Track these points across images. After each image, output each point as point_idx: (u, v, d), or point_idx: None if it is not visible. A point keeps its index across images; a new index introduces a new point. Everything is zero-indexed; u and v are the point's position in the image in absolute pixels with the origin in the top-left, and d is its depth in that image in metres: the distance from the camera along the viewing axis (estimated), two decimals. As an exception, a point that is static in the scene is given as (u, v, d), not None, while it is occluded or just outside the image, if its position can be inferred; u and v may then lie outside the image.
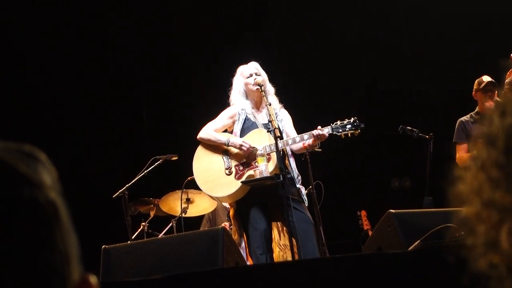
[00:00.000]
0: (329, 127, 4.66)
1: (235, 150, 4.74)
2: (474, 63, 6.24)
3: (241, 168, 4.71)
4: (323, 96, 8.38)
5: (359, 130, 4.69)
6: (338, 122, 4.70)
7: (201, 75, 8.31)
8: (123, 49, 8.49)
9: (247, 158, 4.70)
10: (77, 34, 7.98)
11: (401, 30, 8.66)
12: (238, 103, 4.88)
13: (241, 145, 4.67)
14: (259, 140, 4.69)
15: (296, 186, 4.67)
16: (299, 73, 8.58)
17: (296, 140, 4.65)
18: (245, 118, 4.82)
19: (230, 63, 5.11)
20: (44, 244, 0.70)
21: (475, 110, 6.00)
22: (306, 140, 4.63)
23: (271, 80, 5.01)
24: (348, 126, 4.68)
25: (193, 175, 4.93)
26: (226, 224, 5.85)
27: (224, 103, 5.02)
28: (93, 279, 0.76)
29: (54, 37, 7.82)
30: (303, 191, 4.73)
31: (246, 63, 5.00)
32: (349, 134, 4.69)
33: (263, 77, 4.88)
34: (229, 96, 4.99)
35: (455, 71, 7.88)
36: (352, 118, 4.72)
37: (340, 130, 4.67)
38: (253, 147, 4.67)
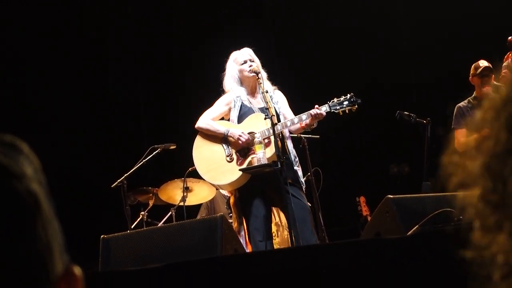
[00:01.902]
0: (326, 105, 4.65)
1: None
2: (474, 62, 6.22)
3: (241, 154, 4.70)
4: (323, 96, 8.36)
5: (356, 106, 4.68)
6: (335, 100, 4.69)
7: (200, 75, 8.28)
8: (123, 49, 8.48)
9: (246, 144, 4.68)
10: (77, 34, 7.95)
11: (401, 30, 8.63)
12: (233, 89, 4.85)
13: (239, 137, 4.65)
14: (257, 125, 4.67)
15: (293, 168, 4.66)
16: (299, 73, 8.56)
17: (294, 121, 4.64)
18: (241, 105, 4.80)
19: (228, 34, 5.09)
20: (25, 235, 0.70)
21: (473, 95, 5.99)
22: (304, 120, 4.62)
23: (270, 79, 4.99)
24: (345, 103, 4.67)
25: (193, 165, 4.91)
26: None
27: (221, 86, 4.98)
28: (77, 270, 0.76)
29: (54, 37, 7.80)
30: (300, 173, 4.71)
31: (239, 49, 4.97)
32: (346, 111, 4.67)
33: (257, 63, 4.86)
34: (222, 82, 4.96)
35: (455, 71, 7.86)
36: (349, 94, 4.70)
37: (338, 107, 4.66)
38: (252, 132, 4.66)
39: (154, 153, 6.02)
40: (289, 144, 4.73)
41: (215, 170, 4.72)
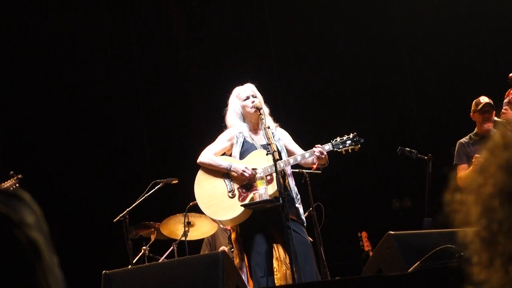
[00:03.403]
0: (329, 144, 4.70)
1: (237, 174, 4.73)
2: (475, 73, 6.26)
3: (243, 190, 4.70)
4: (323, 98, 8.43)
5: (359, 145, 4.73)
6: (338, 139, 4.74)
7: (200, 75, 8.32)
8: (123, 50, 8.55)
9: (249, 180, 4.69)
10: (77, 34, 8.02)
11: (399, 30, 8.71)
12: (235, 125, 4.88)
13: (243, 172, 4.66)
14: (259, 161, 4.69)
15: (295, 205, 4.67)
16: (298, 81, 8.62)
17: (297, 159, 4.67)
18: (244, 141, 4.82)
19: (231, 69, 5.13)
20: (25, 282, 0.70)
21: (474, 131, 6.01)
22: (308, 158, 4.66)
23: (270, 94, 5.02)
24: (348, 142, 4.71)
25: (194, 200, 4.91)
26: (225, 248, 5.85)
27: (223, 121, 5.02)
28: None
29: (54, 37, 7.86)
30: (302, 210, 4.73)
31: (242, 84, 4.99)
32: (349, 150, 4.72)
33: (260, 98, 4.90)
34: (224, 117, 4.99)
35: (456, 89, 7.92)
36: (351, 134, 4.75)
37: (341, 146, 4.70)
38: (254, 169, 4.68)
39: (156, 187, 6.03)
40: (291, 182, 4.75)
41: (216, 205, 4.72)
